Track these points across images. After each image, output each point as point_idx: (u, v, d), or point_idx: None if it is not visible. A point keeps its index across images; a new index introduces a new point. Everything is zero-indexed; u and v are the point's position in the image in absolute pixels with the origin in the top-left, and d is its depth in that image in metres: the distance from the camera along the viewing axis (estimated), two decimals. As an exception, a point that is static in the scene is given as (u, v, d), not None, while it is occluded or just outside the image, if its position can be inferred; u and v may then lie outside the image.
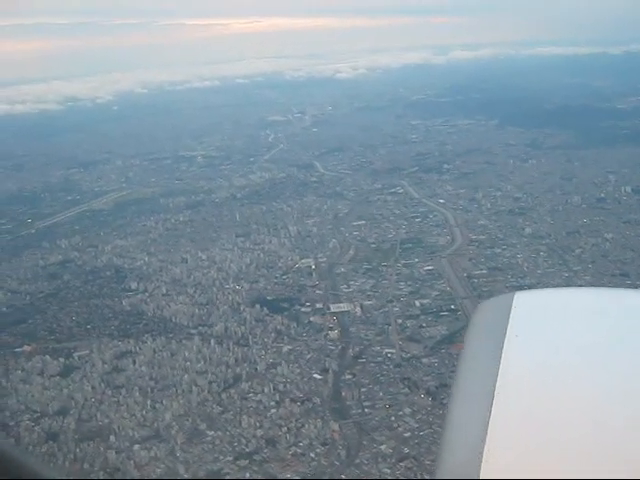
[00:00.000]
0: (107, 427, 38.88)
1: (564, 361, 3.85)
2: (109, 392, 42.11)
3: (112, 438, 37.60)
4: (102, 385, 42.70)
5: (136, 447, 36.76)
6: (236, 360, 45.43)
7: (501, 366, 3.75)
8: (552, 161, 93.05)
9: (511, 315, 4.22)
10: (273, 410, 39.74)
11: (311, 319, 51.56)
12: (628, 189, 78.41)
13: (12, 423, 39.29)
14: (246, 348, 47.06)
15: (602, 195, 76.24)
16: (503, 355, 3.83)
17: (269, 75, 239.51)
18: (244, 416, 39.36)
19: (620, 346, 3.96)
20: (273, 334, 48.86)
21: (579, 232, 65.65)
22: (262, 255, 63.68)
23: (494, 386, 3.62)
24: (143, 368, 44.51)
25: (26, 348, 48.15)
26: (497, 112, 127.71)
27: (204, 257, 63.35)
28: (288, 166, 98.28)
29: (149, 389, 42.24)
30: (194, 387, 42.21)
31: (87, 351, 47.16)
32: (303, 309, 53.33)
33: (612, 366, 3.80)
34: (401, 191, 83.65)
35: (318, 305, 53.63)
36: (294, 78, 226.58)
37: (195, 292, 56.30)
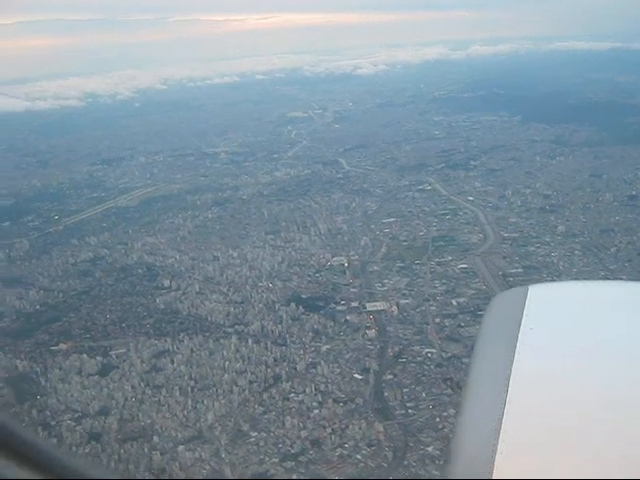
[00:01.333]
0: (150, 427, 38.59)
1: (579, 355, 3.78)
2: (149, 392, 41.83)
3: (155, 439, 37.36)
4: (142, 384, 42.44)
5: (180, 448, 36.45)
6: (275, 360, 45.05)
7: (515, 360, 3.68)
8: (579, 158, 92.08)
9: (526, 308, 4.19)
10: (316, 411, 39.32)
11: (347, 318, 51.07)
12: (661, 187, 77.64)
13: (53, 423, 39.08)
14: (284, 347, 46.66)
15: (633, 192, 75.28)
16: (517, 348, 3.76)
17: (288, 71, 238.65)
18: (287, 417, 39.04)
19: (635, 339, 3.89)
20: (310, 333, 48.41)
21: (613, 230, 64.81)
22: (293, 253, 63.23)
23: (508, 383, 3.55)
24: (182, 367, 44.17)
25: (62, 346, 47.99)
26: (520, 108, 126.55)
27: (235, 255, 62.96)
28: (313, 163, 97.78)
29: (189, 389, 41.90)
30: (234, 387, 41.89)
31: (124, 350, 46.94)
32: (339, 308, 52.85)
33: (627, 359, 3.71)
34: (429, 188, 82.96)
35: (354, 304, 53.13)
36: (314, 74, 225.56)
37: (229, 290, 55.93)
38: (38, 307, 54.77)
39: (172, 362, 44.83)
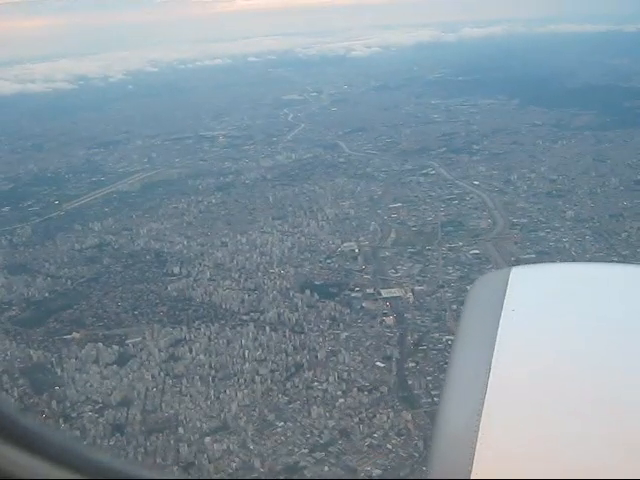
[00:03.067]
0: (174, 418, 37.90)
1: (561, 339, 3.72)
2: (170, 381, 41.10)
3: (181, 430, 36.77)
4: (161, 374, 41.71)
5: (207, 440, 35.87)
6: (294, 348, 44.43)
7: (497, 343, 3.59)
8: (581, 142, 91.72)
9: (507, 290, 4.14)
10: (341, 400, 38.77)
11: (363, 305, 50.52)
12: (666, 171, 77.40)
13: (74, 414, 38.32)
14: (302, 335, 46.04)
15: (639, 177, 75.28)
16: (499, 331, 3.68)
17: (280, 53, 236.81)
18: (312, 406, 38.57)
19: (618, 322, 3.82)
20: (327, 320, 47.80)
21: (622, 215, 64.51)
22: (303, 238, 62.54)
23: (489, 369, 3.45)
24: (201, 356, 43.46)
25: (75, 335, 47.10)
26: (517, 91, 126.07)
27: (244, 240, 62.15)
28: (313, 146, 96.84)
29: (210, 378, 41.23)
30: (256, 376, 41.29)
31: (139, 338, 46.13)
32: (353, 294, 52.27)
33: (611, 343, 3.64)
34: (433, 172, 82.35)
35: (368, 290, 52.56)
36: (307, 56, 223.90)
37: (240, 277, 55.20)
38: (47, 295, 53.84)
39: (190, 351, 44.12)
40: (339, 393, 39.72)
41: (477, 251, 59.49)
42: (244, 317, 49.17)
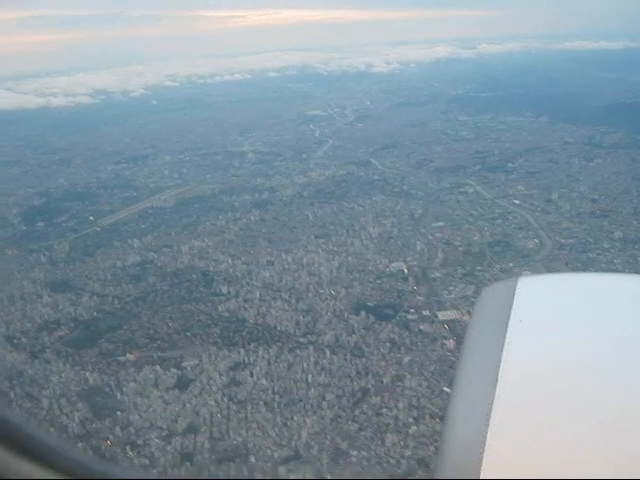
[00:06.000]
0: (243, 446, 36.69)
1: (568, 348, 3.69)
2: (234, 407, 39.91)
3: (252, 458, 35.57)
4: (225, 399, 40.50)
5: (282, 470, 34.71)
6: (357, 372, 43.22)
7: (503, 353, 3.62)
8: (617, 160, 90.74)
9: (514, 300, 4.14)
10: (414, 427, 37.54)
11: (421, 327, 49.34)
12: None
13: (140, 442, 37.18)
14: (363, 359, 44.83)
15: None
16: (506, 341, 3.70)
17: (299, 68, 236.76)
18: (385, 434, 37.36)
19: (625, 333, 3.77)
20: (387, 343, 46.62)
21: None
22: (349, 258, 61.40)
23: (496, 378, 3.49)
24: (263, 381, 42.26)
25: (129, 356, 45.95)
26: (544, 108, 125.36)
27: (290, 260, 61.07)
28: (345, 163, 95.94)
29: (275, 404, 40.07)
30: (323, 402, 40.14)
31: (196, 361, 44.95)
32: (409, 316, 51.11)
33: (618, 353, 3.61)
34: (471, 191, 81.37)
35: (424, 312, 51.39)
36: (327, 71, 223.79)
37: (291, 297, 54.06)
38: (95, 314, 52.71)
39: (251, 375, 42.89)
40: (411, 420, 38.49)
41: (529, 272, 58.45)
42: (301, 339, 47.99)
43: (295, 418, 38.84)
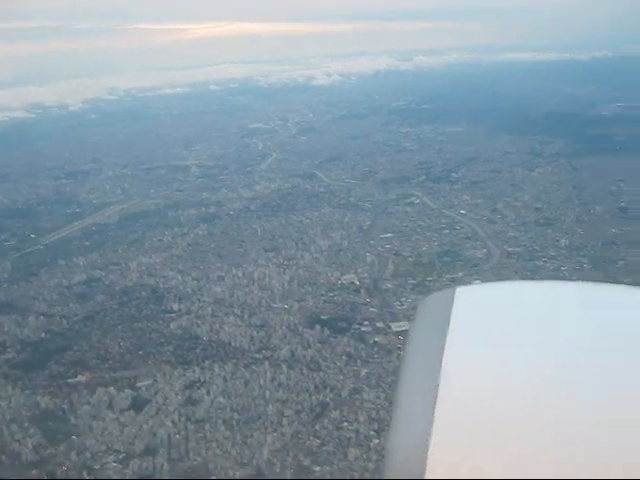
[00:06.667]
0: (203, 466, 36.04)
1: (506, 356, 3.70)
2: (192, 427, 39.12)
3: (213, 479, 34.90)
4: (182, 419, 39.69)
5: (244, 488, 34.13)
6: (315, 387, 42.92)
7: (443, 363, 3.63)
8: (558, 169, 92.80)
9: (453, 310, 4.05)
10: (375, 440, 37.42)
11: (376, 339, 49.35)
12: (646, 198, 78.46)
13: (97, 466, 36.08)
14: (321, 373, 44.57)
15: (623, 204, 76.02)
16: (445, 352, 3.70)
17: (242, 81, 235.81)
18: (348, 448, 37.13)
19: (566, 339, 3.78)
20: (344, 357, 46.47)
21: (615, 243, 65.04)
22: (300, 271, 61.16)
23: (437, 385, 3.50)
24: (220, 399, 41.57)
25: (81, 378, 44.68)
26: (483, 119, 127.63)
27: (240, 274, 60.45)
28: (290, 176, 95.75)
29: (234, 422, 39.47)
30: (282, 418, 39.73)
31: (151, 381, 43.94)
32: (363, 328, 51.12)
33: (555, 360, 3.63)
34: (417, 201, 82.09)
35: (378, 324, 51.47)
36: (267, 84, 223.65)
37: (244, 312, 53.45)
38: (43, 335, 51.09)
39: (208, 393, 42.15)
40: (372, 433, 38.41)
41: (479, 281, 59.04)
42: (256, 355, 47.42)
43: (255, 436, 38.30)
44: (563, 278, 60.37)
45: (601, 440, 3.36)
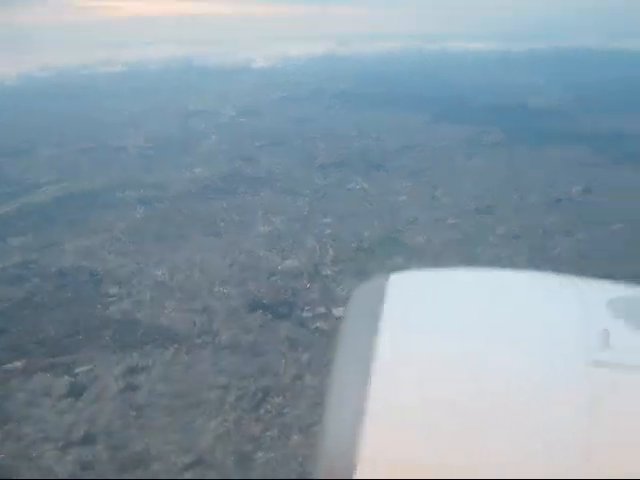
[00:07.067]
0: (145, 453, 35.58)
1: (440, 343, 3.75)
2: (132, 413, 38.61)
3: (155, 466, 34.52)
4: (122, 405, 39.16)
5: (187, 475, 33.83)
6: (257, 372, 42.77)
7: (375, 354, 3.64)
8: (496, 159, 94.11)
9: (386, 297, 4.11)
10: (318, 426, 37.65)
11: (317, 325, 49.45)
12: (579, 189, 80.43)
13: (35, 454, 35.29)
14: (262, 358, 44.46)
15: (557, 194, 77.74)
16: (378, 339, 3.70)
17: (179, 61, 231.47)
18: (290, 434, 37.16)
19: (498, 325, 3.90)
20: (286, 342, 46.45)
21: (551, 231, 66.56)
22: (241, 256, 60.62)
23: (369, 377, 3.50)
24: (161, 385, 40.99)
25: (17, 364, 43.31)
26: (424, 107, 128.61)
27: (180, 258, 59.74)
28: (230, 159, 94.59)
29: (175, 408, 39.08)
30: (224, 404, 39.52)
31: (89, 366, 42.96)
32: (305, 314, 50.95)
33: (488, 347, 3.73)
34: (358, 187, 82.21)
35: (319, 309, 51.40)
36: (208, 65, 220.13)
37: (184, 297, 52.84)
38: (-25, 319, 49.98)
39: (148, 379, 41.64)
40: (316, 418, 38.54)
41: (418, 267, 59.72)
42: (197, 340, 46.90)
43: (197, 422, 38.10)
44: (501, 265, 61.49)
45: (533, 424, 3.38)
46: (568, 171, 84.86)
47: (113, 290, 53.01)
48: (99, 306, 50.61)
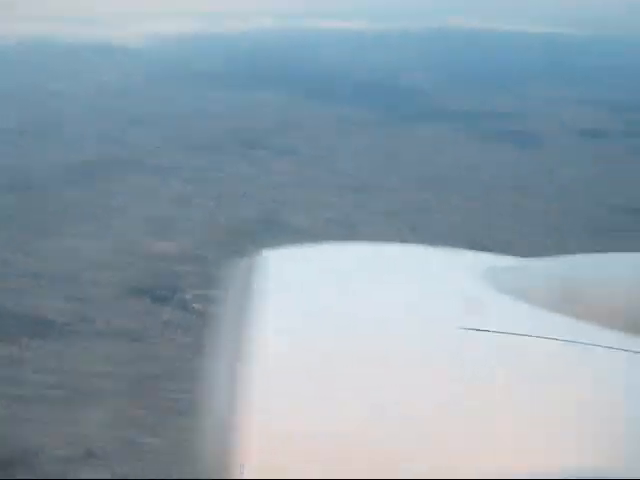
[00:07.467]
0: (32, 447, 34.26)
1: (312, 318, 3.85)
2: (13, 406, 37.09)
3: (39, 460, 33.30)
4: (2, 400, 37.56)
5: (71, 467, 32.89)
6: (138, 357, 42.02)
7: (250, 332, 3.58)
8: (371, 137, 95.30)
9: (259, 275, 4.17)
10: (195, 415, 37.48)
11: (196, 306, 49.16)
12: (451, 165, 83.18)
13: None
14: (141, 343, 43.71)
15: (437, 171, 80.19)
16: (251, 319, 3.66)
17: (38, 39, 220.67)
18: (179, 419, 36.80)
19: (368, 299, 4.03)
20: (168, 326, 45.91)
21: (428, 209, 68.47)
22: (117, 240, 59.13)
23: (241, 361, 3.44)
24: (38, 375, 39.46)
25: None
26: (297, 86, 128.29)
27: (51, 245, 57.42)
28: (97, 142, 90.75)
29: (58, 399, 37.82)
30: (106, 393, 38.56)
31: (-41, 360, 41.19)
32: (186, 296, 50.56)
33: (367, 321, 3.84)
34: (232, 168, 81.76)
35: (198, 292, 51.11)
36: (70, 43, 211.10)
37: (57, 285, 50.87)
38: None
39: (25, 370, 39.88)
40: (196, 400, 38.43)
41: (296, 245, 60.37)
42: (74, 328, 45.59)
43: (80, 412, 37.09)
44: (377, 241, 63.08)
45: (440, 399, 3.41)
46: (440, 148, 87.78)
47: (-20, 280, 50.67)
48: (-35, 296, 48.30)
